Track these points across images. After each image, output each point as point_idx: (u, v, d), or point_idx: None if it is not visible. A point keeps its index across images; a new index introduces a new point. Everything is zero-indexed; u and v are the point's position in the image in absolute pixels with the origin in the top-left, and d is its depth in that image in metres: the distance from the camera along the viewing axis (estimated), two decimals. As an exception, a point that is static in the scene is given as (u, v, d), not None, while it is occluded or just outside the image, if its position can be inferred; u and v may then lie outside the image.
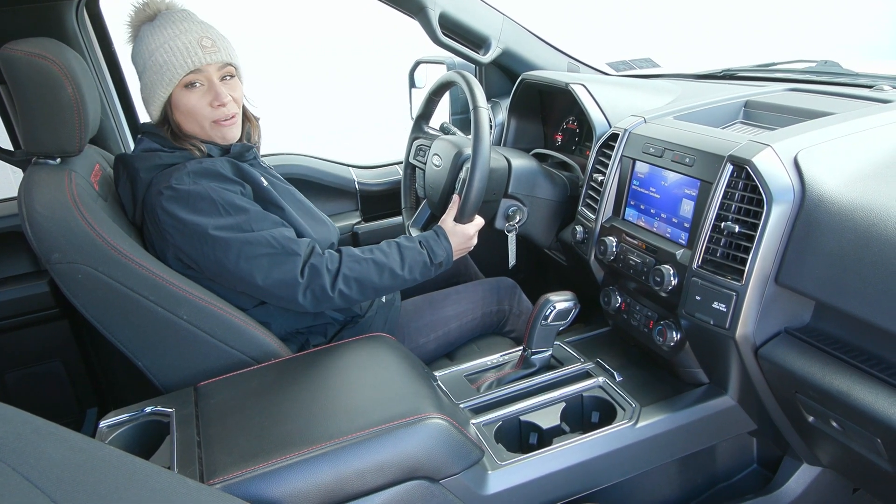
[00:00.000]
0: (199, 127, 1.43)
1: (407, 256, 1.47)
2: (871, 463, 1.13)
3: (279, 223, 1.41)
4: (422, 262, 1.48)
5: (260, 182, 1.46)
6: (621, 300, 1.52)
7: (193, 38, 1.38)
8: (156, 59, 1.37)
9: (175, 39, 1.37)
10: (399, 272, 1.45)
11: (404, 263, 1.46)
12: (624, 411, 1.34)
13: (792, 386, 1.17)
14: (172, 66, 1.36)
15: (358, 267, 1.42)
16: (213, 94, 1.40)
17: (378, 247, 1.48)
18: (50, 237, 1.25)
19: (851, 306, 1.03)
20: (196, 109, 1.41)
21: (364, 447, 1.07)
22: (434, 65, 2.32)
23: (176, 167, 1.38)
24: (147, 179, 1.39)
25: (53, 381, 2.01)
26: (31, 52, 1.26)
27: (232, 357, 1.37)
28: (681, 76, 2.04)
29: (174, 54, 1.36)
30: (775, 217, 1.12)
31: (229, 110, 1.43)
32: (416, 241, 1.51)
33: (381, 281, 1.44)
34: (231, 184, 1.39)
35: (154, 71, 1.38)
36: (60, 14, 1.87)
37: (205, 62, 1.38)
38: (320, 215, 1.62)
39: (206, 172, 1.37)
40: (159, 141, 1.44)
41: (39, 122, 1.30)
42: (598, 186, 1.55)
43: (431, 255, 1.50)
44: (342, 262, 1.42)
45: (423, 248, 1.50)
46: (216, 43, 1.40)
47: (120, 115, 2.11)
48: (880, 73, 1.62)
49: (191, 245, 1.35)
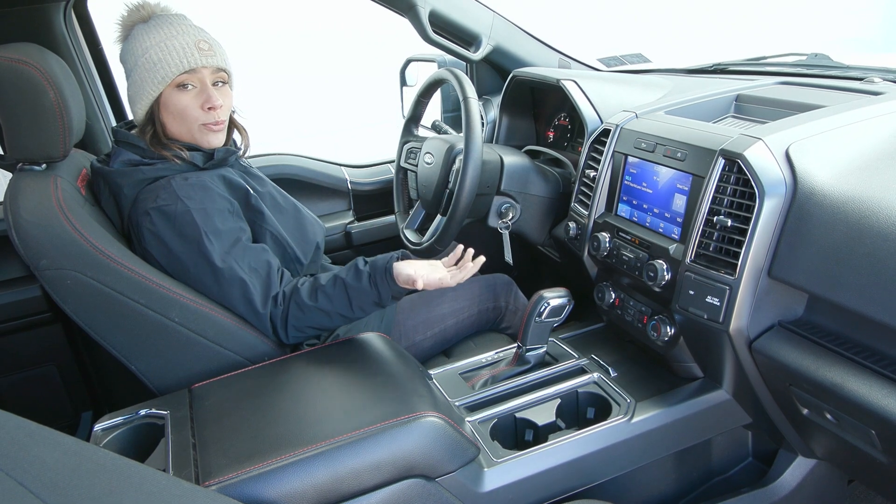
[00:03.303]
0: (186, 129, 1.41)
1: (354, 298, 1.38)
2: (866, 454, 1.13)
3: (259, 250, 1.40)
4: (371, 302, 1.39)
5: (246, 191, 1.45)
6: (615, 296, 1.52)
7: (190, 40, 1.36)
8: (149, 57, 1.35)
9: (171, 39, 1.35)
10: (349, 314, 1.39)
11: (352, 305, 1.38)
12: (619, 407, 1.34)
13: (786, 379, 1.17)
14: (166, 63, 1.34)
15: (304, 316, 1.38)
16: (206, 96, 1.38)
17: (324, 290, 1.38)
18: (37, 244, 1.25)
19: (844, 298, 1.04)
20: (187, 111, 1.39)
21: (359, 446, 1.06)
22: (425, 63, 2.31)
23: (161, 183, 1.36)
24: (132, 196, 1.38)
25: (47, 385, 2.00)
26: (12, 58, 1.25)
27: (225, 358, 1.36)
28: (672, 71, 2.05)
29: (169, 53, 1.34)
30: (767, 210, 1.12)
31: (219, 115, 1.42)
32: (366, 278, 1.39)
33: (334, 322, 1.40)
34: (220, 200, 1.38)
35: (146, 69, 1.36)
36: (48, 16, 1.86)
37: (200, 64, 1.36)
38: (305, 215, 1.60)
39: (193, 188, 1.35)
40: (137, 151, 1.40)
41: (23, 128, 1.28)
42: (590, 182, 1.55)
43: (379, 297, 1.39)
44: (288, 314, 1.38)
45: (373, 287, 1.38)
46: (213, 47, 1.39)
47: (109, 117, 2.10)
48: (870, 65, 1.62)
49: (174, 269, 1.36)
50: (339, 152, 2.45)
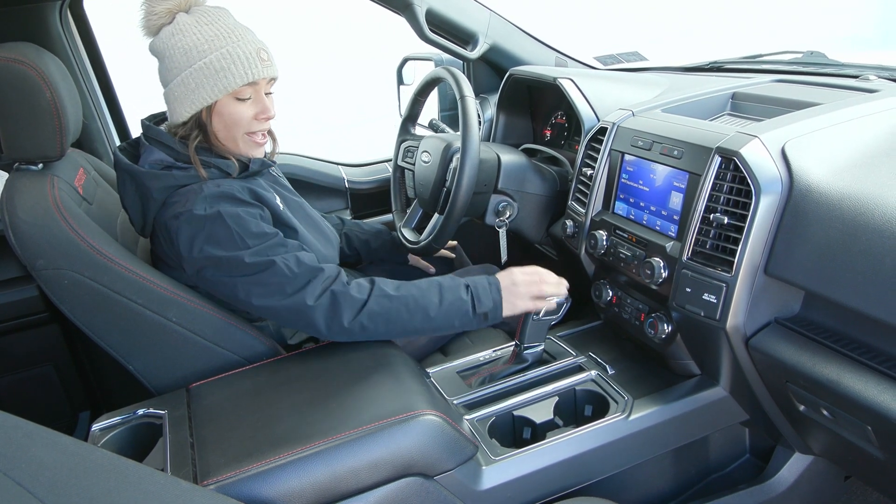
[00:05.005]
0: (233, 137, 1.36)
1: (446, 298, 1.33)
2: (862, 450, 1.14)
3: (297, 247, 1.34)
4: (462, 310, 1.33)
5: (276, 205, 1.39)
6: (612, 293, 1.52)
7: (252, 49, 1.31)
8: (210, 62, 1.28)
9: (234, 45, 1.29)
10: (432, 315, 1.32)
11: (441, 306, 1.32)
12: (617, 404, 1.34)
13: (783, 375, 1.18)
14: (231, 73, 1.29)
15: (388, 303, 1.30)
16: (262, 106, 1.35)
17: (415, 283, 1.35)
18: (34, 244, 1.24)
19: (840, 295, 1.04)
20: (242, 120, 1.34)
21: (358, 445, 1.07)
22: (422, 61, 2.31)
23: (193, 188, 1.31)
24: (160, 199, 1.33)
25: (45, 386, 2.00)
26: (8, 58, 1.24)
27: (223, 358, 1.36)
28: (668, 69, 2.05)
29: (234, 62, 1.29)
30: (763, 208, 1.12)
31: (270, 124, 1.40)
32: (463, 283, 1.36)
33: (412, 322, 1.32)
34: (251, 207, 1.33)
35: (205, 74, 1.29)
36: (44, 16, 1.86)
37: (262, 76, 1.32)
38: (324, 227, 1.56)
39: (223, 196, 1.30)
40: (170, 153, 1.35)
41: (19, 127, 1.28)
42: (587, 181, 1.55)
43: (476, 302, 1.35)
44: (371, 295, 1.31)
45: (468, 293, 1.35)
46: (270, 57, 1.35)
47: (106, 116, 2.09)
48: (866, 63, 1.63)
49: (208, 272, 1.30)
50: (334, 150, 2.45)
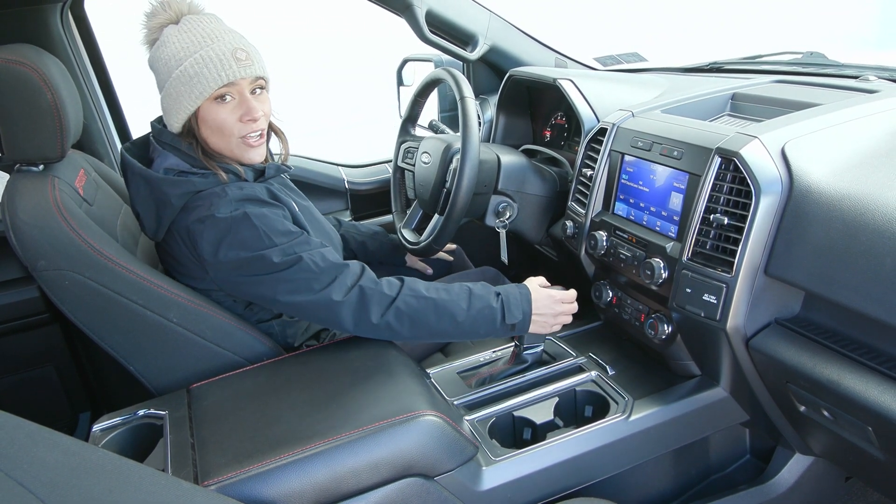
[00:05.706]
0: (226, 144, 1.34)
1: (474, 305, 1.33)
2: (863, 451, 1.14)
3: (319, 245, 1.33)
4: (490, 317, 1.34)
5: (293, 207, 1.39)
6: (612, 294, 1.52)
7: (227, 49, 1.28)
8: (185, 69, 1.27)
9: (207, 48, 1.27)
10: (459, 320, 1.32)
11: (469, 312, 1.32)
12: (617, 405, 1.35)
13: (783, 376, 1.18)
14: (204, 77, 1.26)
15: (416, 303, 1.31)
16: (245, 108, 1.31)
17: (446, 286, 1.35)
18: (35, 245, 1.24)
19: (840, 296, 1.04)
20: (225, 124, 1.31)
21: (358, 445, 1.07)
22: (422, 62, 2.31)
23: (216, 191, 1.30)
24: (179, 205, 1.31)
25: (46, 386, 2.00)
26: (9, 59, 1.24)
27: (224, 358, 1.36)
28: (668, 70, 2.05)
29: (206, 65, 1.26)
30: (763, 208, 1.12)
31: (259, 126, 1.34)
32: (494, 291, 1.37)
33: (439, 325, 1.32)
34: (274, 207, 1.32)
35: (182, 81, 1.27)
36: (44, 17, 1.86)
37: (238, 76, 1.28)
38: (329, 229, 1.56)
39: (248, 198, 1.30)
40: (187, 160, 1.33)
41: (19, 129, 1.28)
42: (587, 181, 1.55)
43: (506, 312, 1.35)
44: (400, 293, 1.31)
45: (499, 301, 1.35)
46: (251, 55, 1.31)
47: (107, 118, 2.09)
48: (866, 63, 1.63)
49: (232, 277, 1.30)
50: (329, 152, 2.45)
